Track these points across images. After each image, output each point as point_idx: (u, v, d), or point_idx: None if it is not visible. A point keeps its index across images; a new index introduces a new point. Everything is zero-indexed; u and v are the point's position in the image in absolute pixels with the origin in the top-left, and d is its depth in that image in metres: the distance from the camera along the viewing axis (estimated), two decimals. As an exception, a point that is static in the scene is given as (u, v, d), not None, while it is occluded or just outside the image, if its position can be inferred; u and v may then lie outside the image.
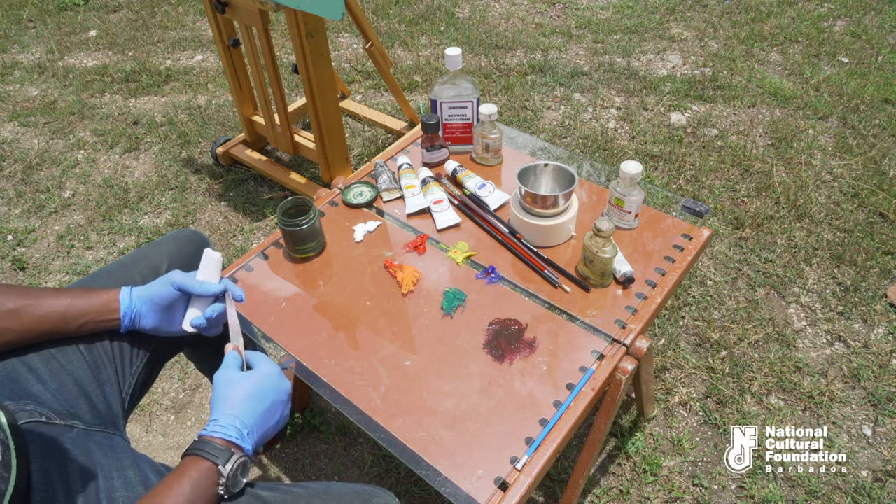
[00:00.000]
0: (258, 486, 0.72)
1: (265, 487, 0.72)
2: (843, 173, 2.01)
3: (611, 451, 1.34)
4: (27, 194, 2.15)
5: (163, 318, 0.85)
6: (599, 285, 1.00)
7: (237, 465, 0.66)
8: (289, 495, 0.72)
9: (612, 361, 0.89)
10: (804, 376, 1.46)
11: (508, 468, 0.77)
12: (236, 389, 0.71)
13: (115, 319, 0.82)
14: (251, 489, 0.71)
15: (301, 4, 1.40)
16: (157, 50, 2.95)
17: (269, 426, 0.73)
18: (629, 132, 2.25)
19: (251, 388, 0.72)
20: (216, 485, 0.64)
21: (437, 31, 2.93)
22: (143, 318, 0.84)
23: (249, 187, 2.11)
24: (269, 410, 0.72)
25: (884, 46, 2.65)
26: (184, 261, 0.98)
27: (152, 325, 0.84)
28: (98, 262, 1.89)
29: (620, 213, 1.08)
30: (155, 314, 0.84)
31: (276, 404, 0.73)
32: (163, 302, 0.83)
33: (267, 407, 0.72)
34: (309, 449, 1.39)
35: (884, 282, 1.66)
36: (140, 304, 0.83)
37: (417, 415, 0.84)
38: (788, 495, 1.25)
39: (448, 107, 1.24)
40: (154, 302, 0.83)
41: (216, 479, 0.64)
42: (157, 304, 0.83)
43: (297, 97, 2.47)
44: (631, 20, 2.95)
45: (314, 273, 1.06)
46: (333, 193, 1.23)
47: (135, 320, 0.83)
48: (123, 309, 0.82)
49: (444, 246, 1.10)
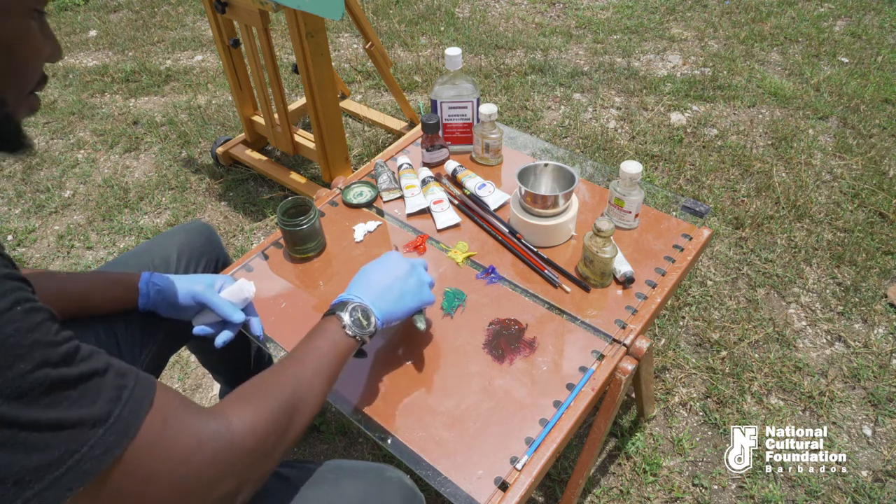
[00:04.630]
0: (279, 466, 0.75)
1: (283, 465, 0.75)
2: (843, 173, 2.01)
3: (611, 451, 1.34)
4: (27, 194, 2.15)
5: (174, 311, 0.91)
6: (599, 285, 1.00)
7: (353, 309, 0.76)
8: (304, 471, 0.74)
9: (612, 361, 0.89)
10: (804, 376, 1.46)
11: (508, 468, 0.77)
12: (357, 277, 0.83)
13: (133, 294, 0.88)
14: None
15: (301, 4, 1.40)
16: (157, 50, 2.95)
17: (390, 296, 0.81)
18: (629, 132, 2.25)
19: (366, 271, 0.84)
20: (341, 328, 0.74)
21: (437, 31, 2.93)
22: (158, 307, 0.90)
23: (249, 187, 2.11)
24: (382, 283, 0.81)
25: (884, 46, 2.65)
26: (193, 253, 1.03)
27: (166, 312, 0.91)
28: (98, 261, 1.89)
29: (620, 213, 1.08)
30: (167, 307, 0.90)
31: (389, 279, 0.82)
32: (177, 303, 0.89)
33: (379, 280, 0.82)
34: (309, 449, 1.39)
35: (884, 282, 1.66)
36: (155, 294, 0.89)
37: (417, 415, 0.84)
38: (788, 495, 1.25)
39: (448, 107, 1.24)
40: (168, 302, 0.89)
41: (339, 324, 0.74)
42: (171, 303, 0.89)
43: (297, 97, 2.47)
44: (631, 20, 2.95)
45: (314, 273, 1.06)
46: (333, 193, 1.23)
47: (151, 297, 0.89)
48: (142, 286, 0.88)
49: (444, 246, 1.10)
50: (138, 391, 0.51)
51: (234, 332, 0.90)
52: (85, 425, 0.46)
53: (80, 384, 0.47)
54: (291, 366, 0.68)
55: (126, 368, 0.52)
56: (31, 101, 0.56)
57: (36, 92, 0.57)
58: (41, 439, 0.44)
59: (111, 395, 0.48)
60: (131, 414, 0.49)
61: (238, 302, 0.90)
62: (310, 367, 0.69)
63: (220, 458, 0.54)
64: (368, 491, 0.73)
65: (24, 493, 0.44)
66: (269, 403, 0.62)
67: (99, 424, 0.47)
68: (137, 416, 0.49)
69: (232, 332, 0.90)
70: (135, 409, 0.50)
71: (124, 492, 0.49)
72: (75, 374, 0.46)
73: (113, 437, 0.47)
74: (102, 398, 0.48)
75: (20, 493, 0.44)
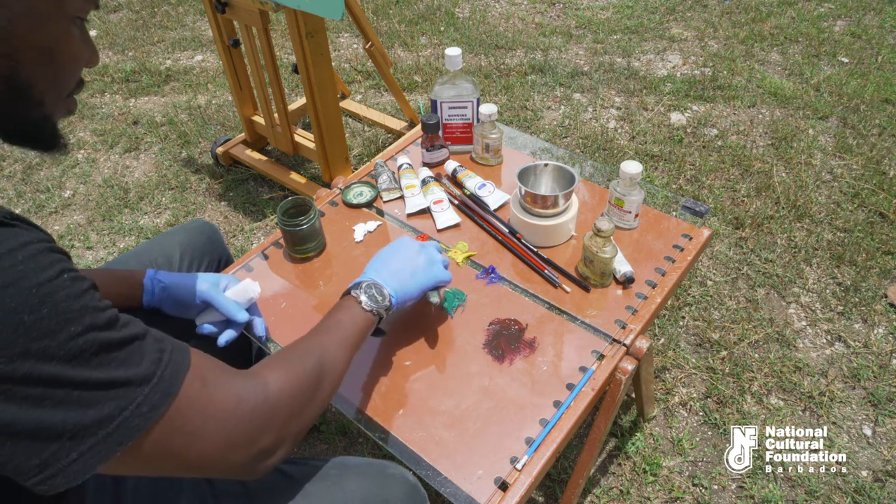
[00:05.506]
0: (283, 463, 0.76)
1: (287, 462, 0.76)
2: (843, 173, 2.01)
3: (611, 451, 1.34)
4: (27, 194, 2.15)
5: (178, 309, 0.91)
6: (599, 285, 1.00)
7: (367, 286, 0.79)
8: (307, 467, 0.76)
9: (612, 361, 0.89)
10: (804, 376, 1.46)
11: (508, 468, 0.77)
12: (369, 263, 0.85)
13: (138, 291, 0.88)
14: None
15: (301, 4, 1.40)
16: (157, 50, 2.95)
17: (403, 275, 0.83)
18: (629, 132, 2.25)
19: (377, 256, 0.86)
20: (357, 303, 0.77)
21: (437, 31, 2.93)
22: (162, 304, 0.90)
23: (249, 187, 2.11)
24: (393, 262, 0.84)
25: (884, 46, 2.65)
26: (195, 252, 1.04)
27: (170, 309, 0.91)
28: (98, 261, 1.89)
29: (620, 213, 1.08)
30: (172, 304, 0.90)
31: (400, 259, 0.85)
32: (182, 301, 0.90)
33: (389, 261, 0.84)
34: (309, 449, 1.39)
35: (884, 282, 1.66)
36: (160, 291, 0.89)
37: (417, 415, 0.84)
38: (788, 495, 1.25)
39: (448, 107, 1.24)
40: (173, 300, 0.90)
41: (356, 300, 0.77)
42: (176, 300, 0.90)
43: (297, 97, 2.47)
44: (631, 20, 2.95)
45: (314, 273, 1.06)
46: (333, 193, 1.23)
47: (156, 295, 0.89)
48: (147, 283, 0.89)
49: (445, 246, 1.10)
50: (176, 354, 0.54)
51: (237, 332, 0.91)
52: (133, 384, 0.49)
53: (124, 346, 0.50)
54: (317, 336, 0.72)
55: (161, 335, 0.55)
56: (68, 103, 0.59)
57: (73, 95, 0.59)
58: (94, 397, 0.47)
59: (153, 356, 0.52)
60: (173, 374, 0.52)
61: (243, 302, 0.91)
62: (334, 338, 0.72)
63: (257, 413, 0.57)
64: (371, 487, 0.74)
65: (79, 447, 0.47)
66: (300, 366, 0.65)
67: (145, 383, 0.50)
68: (178, 375, 0.53)
69: (235, 332, 0.90)
70: (175, 369, 0.53)
71: (169, 447, 0.52)
72: (119, 338, 0.50)
73: (158, 396, 0.50)
74: (147, 360, 0.51)
75: (76, 447, 0.47)
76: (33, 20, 0.50)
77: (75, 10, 0.54)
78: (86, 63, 0.58)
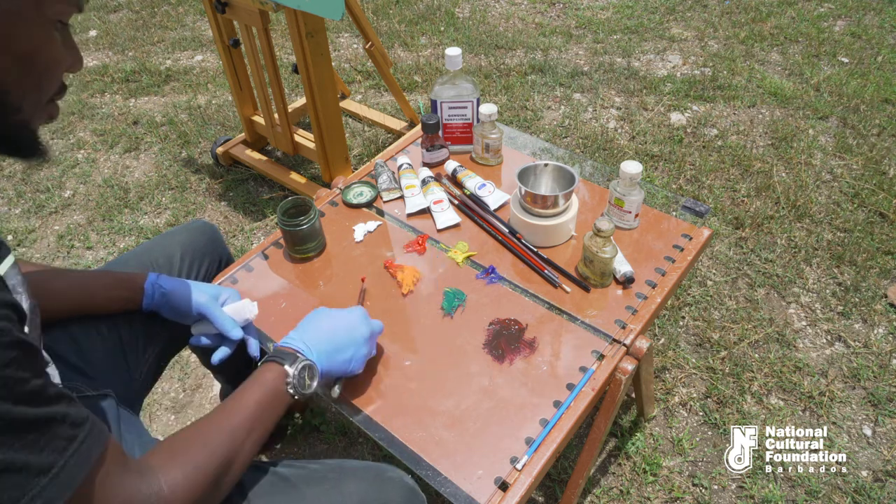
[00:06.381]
0: (280, 465, 0.77)
1: (285, 465, 0.76)
2: (843, 173, 2.01)
3: (611, 451, 1.34)
4: (27, 194, 2.15)
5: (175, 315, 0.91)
6: (599, 285, 1.00)
7: (301, 367, 0.73)
8: (306, 471, 0.75)
9: (612, 361, 0.89)
10: (804, 376, 1.46)
11: (508, 468, 0.77)
12: (314, 319, 0.81)
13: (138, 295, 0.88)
14: (273, 468, 0.76)
15: (301, 4, 1.40)
16: (157, 50, 2.95)
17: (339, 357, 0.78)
18: (629, 132, 2.25)
19: (326, 320, 0.81)
20: (284, 383, 0.72)
21: (437, 31, 2.93)
22: (160, 309, 0.90)
23: (249, 187, 2.11)
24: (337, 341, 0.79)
25: (884, 46, 2.65)
26: (196, 252, 1.03)
27: (168, 314, 0.91)
28: (98, 261, 1.89)
29: (620, 213, 1.08)
30: (170, 310, 0.90)
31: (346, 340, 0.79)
32: (179, 309, 0.89)
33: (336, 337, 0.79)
34: (309, 449, 1.39)
35: (884, 282, 1.66)
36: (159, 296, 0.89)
37: (417, 415, 0.84)
38: (788, 495, 1.25)
39: (448, 107, 1.24)
40: (171, 306, 0.89)
41: (283, 378, 0.72)
42: (174, 307, 0.89)
43: (297, 97, 2.47)
44: (631, 20, 2.95)
45: (314, 273, 1.06)
46: (333, 193, 1.23)
47: (155, 299, 0.89)
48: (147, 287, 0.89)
49: (444, 246, 1.10)
50: (87, 445, 0.50)
51: (231, 349, 0.90)
52: (31, 472, 0.46)
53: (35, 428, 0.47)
54: (228, 419, 0.67)
55: (82, 418, 0.51)
56: (49, 109, 0.57)
57: (55, 100, 0.57)
58: None
59: (60, 444, 0.48)
60: (76, 466, 0.49)
61: (239, 320, 0.90)
62: (247, 422, 0.68)
63: None
64: (369, 491, 0.74)
65: None
66: (203, 461, 0.61)
67: (42, 475, 0.46)
68: (81, 470, 0.49)
69: (229, 349, 0.90)
70: (80, 461, 0.49)
71: None
72: (32, 416, 0.46)
73: (54, 490, 0.47)
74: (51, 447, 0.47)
75: None
76: (9, 24, 0.49)
77: (55, 14, 0.52)
78: (68, 68, 0.56)
